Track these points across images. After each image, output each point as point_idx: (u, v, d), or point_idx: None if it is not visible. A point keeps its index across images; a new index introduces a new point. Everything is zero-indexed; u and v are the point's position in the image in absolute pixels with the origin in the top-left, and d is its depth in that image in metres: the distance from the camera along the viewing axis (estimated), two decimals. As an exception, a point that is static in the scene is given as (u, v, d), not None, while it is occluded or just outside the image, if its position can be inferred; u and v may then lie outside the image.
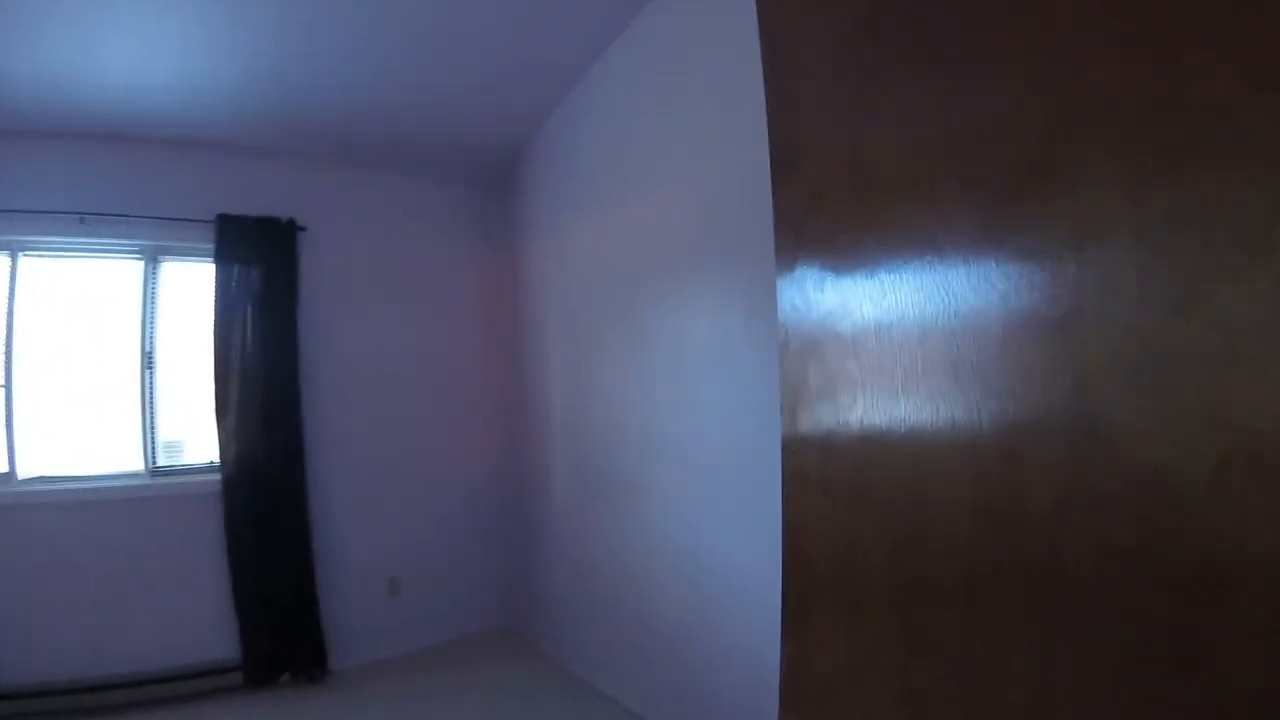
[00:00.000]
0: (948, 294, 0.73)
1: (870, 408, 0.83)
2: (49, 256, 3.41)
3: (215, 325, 3.40)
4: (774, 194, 0.99)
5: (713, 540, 2.44)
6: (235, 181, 3.57)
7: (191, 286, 3.55)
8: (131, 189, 3.41)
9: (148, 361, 3.47)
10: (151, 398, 3.47)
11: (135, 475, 3.44)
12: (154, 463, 3.47)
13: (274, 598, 3.44)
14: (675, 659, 2.66)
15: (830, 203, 0.90)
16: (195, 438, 3.55)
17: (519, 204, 3.92)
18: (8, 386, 3.33)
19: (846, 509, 0.87)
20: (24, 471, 3.33)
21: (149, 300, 3.49)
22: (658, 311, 2.74)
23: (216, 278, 3.40)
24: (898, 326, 0.79)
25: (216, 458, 3.41)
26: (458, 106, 3.41)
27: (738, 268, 2.28)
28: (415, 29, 2.82)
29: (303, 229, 3.62)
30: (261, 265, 3.46)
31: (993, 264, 0.67)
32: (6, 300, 3.33)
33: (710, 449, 2.44)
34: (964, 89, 0.72)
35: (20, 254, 3.36)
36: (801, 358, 0.93)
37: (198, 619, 3.45)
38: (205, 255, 3.46)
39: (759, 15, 1.05)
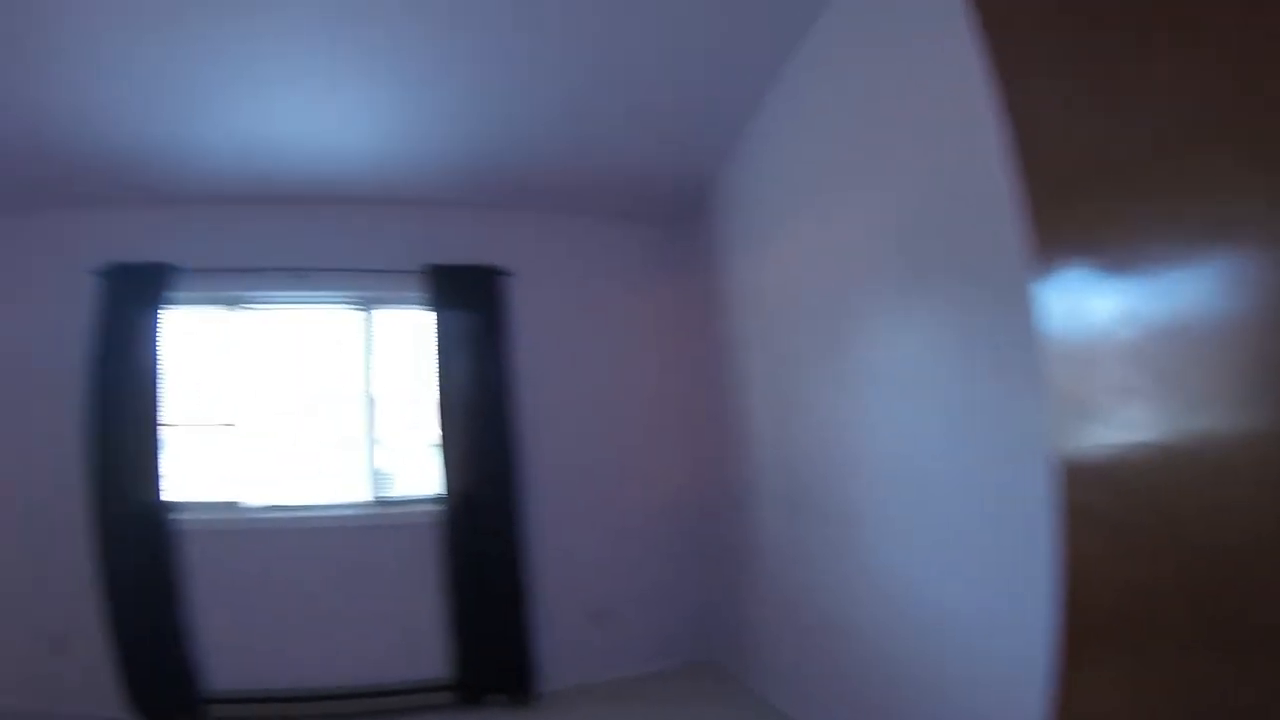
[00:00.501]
0: (1249, 287, 0.63)
1: (1162, 425, 0.73)
2: (274, 308, 3.89)
3: (436, 367, 3.70)
4: (1018, 191, 0.92)
5: (935, 574, 2.26)
6: (441, 233, 3.90)
7: (407, 331, 3.92)
8: (345, 245, 3.82)
9: (370, 402, 3.84)
10: (372, 434, 3.83)
11: (359, 505, 3.79)
12: (377, 494, 3.81)
13: (485, 620, 3.64)
14: (894, 700, 2.49)
15: (1087, 195, 0.82)
16: (412, 470, 3.88)
17: (710, 234, 3.96)
18: (246, 424, 3.80)
19: (1135, 542, 0.77)
20: (259, 501, 3.77)
21: (368, 344, 3.88)
22: (862, 328, 2.62)
23: (433, 323, 3.73)
24: (1191, 329, 0.70)
25: (435, 488, 3.70)
26: (644, 146, 3.55)
27: (952, 275, 2.11)
28: (596, 76, 3.02)
29: (508, 274, 3.88)
30: (472, 310, 3.75)
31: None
32: (239, 348, 3.83)
33: (927, 474, 2.28)
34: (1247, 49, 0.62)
35: (249, 306, 3.86)
36: (1073, 371, 0.85)
37: (411, 639, 3.71)
38: (417, 303, 3.81)
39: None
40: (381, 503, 3.83)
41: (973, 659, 2.09)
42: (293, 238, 3.82)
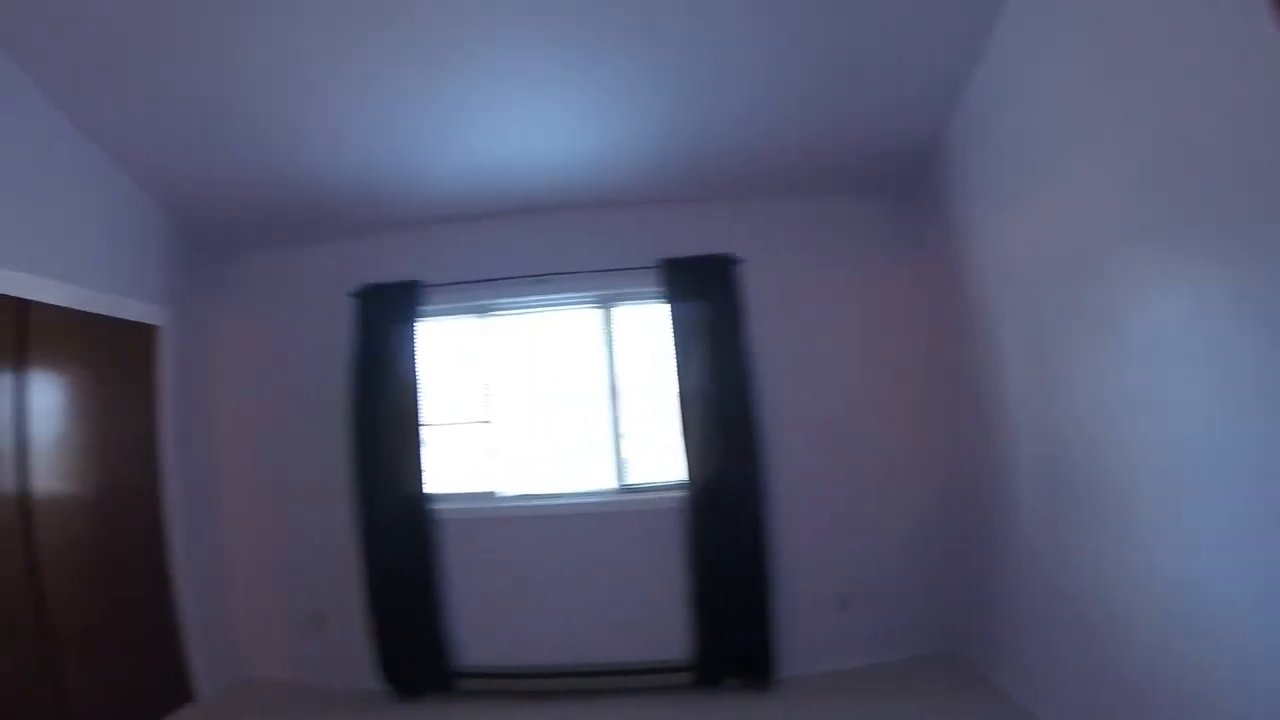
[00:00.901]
0: None
1: None
2: (518, 314, 4.18)
3: (676, 358, 3.81)
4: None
5: (1222, 575, 1.95)
6: (671, 227, 4.02)
7: (645, 324, 4.09)
8: (581, 247, 4.04)
9: (613, 394, 4.02)
10: (618, 426, 4.01)
11: (605, 493, 3.98)
12: (623, 481, 3.98)
13: (726, 604, 3.69)
14: (1163, 713, 2.23)
15: None
16: (655, 458, 4.01)
17: (943, 200, 3.73)
18: (493, 421, 4.10)
19: None
20: (507, 491, 4.04)
21: (608, 340, 4.08)
22: (1130, 291, 2.27)
23: (670, 315, 3.84)
24: None
25: (679, 476, 3.80)
26: (865, 108, 3.42)
27: (1237, 219, 1.76)
28: (801, 45, 3.00)
29: (739, 261, 3.91)
30: (707, 300, 3.82)
31: None
32: (486, 352, 4.16)
33: (1213, 459, 1.95)
34: None
35: (490, 314, 4.17)
36: None
37: (652, 620, 3.83)
38: (653, 297, 3.97)
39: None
40: (626, 490, 3.99)
41: (1262, 674, 1.82)
42: (532, 245, 4.08)
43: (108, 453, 3.68)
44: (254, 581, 4.37)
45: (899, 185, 4.03)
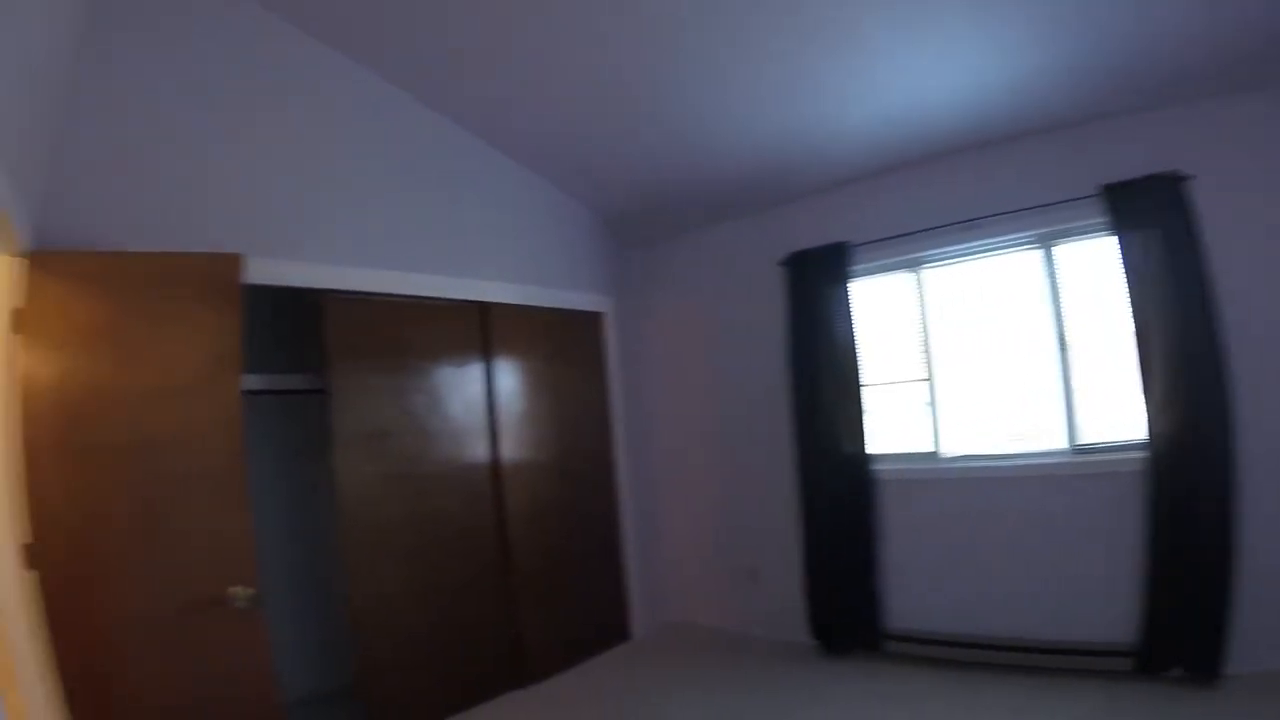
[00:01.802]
0: None
1: None
2: (951, 264, 3.96)
3: (1130, 299, 3.29)
4: None
5: None
6: (1108, 147, 3.46)
7: (1091, 262, 3.59)
8: (1011, 185, 3.67)
9: (1060, 343, 3.62)
10: (1067, 378, 3.60)
11: (1057, 453, 3.61)
12: (1075, 441, 3.57)
13: (1181, 585, 3.17)
14: None
15: None
16: (1111, 414, 3.53)
17: None
18: (931, 379, 3.95)
19: None
20: (948, 451, 3.89)
21: (1052, 284, 3.67)
22: None
23: (1119, 250, 3.32)
24: None
25: (1137, 433, 3.31)
26: None
27: None
28: None
29: (1187, 178, 3.23)
30: (1156, 227, 3.24)
31: None
32: (919, 307, 4.01)
33: None
34: None
35: (921, 268, 4.01)
36: None
37: (1096, 597, 3.43)
38: (1097, 230, 3.46)
39: None
40: (1079, 450, 3.57)
41: None
42: (957, 190, 3.84)
43: (564, 423, 4.39)
44: (692, 535, 4.80)
45: None
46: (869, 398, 4.02)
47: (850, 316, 4.02)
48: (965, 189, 3.81)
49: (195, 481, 2.38)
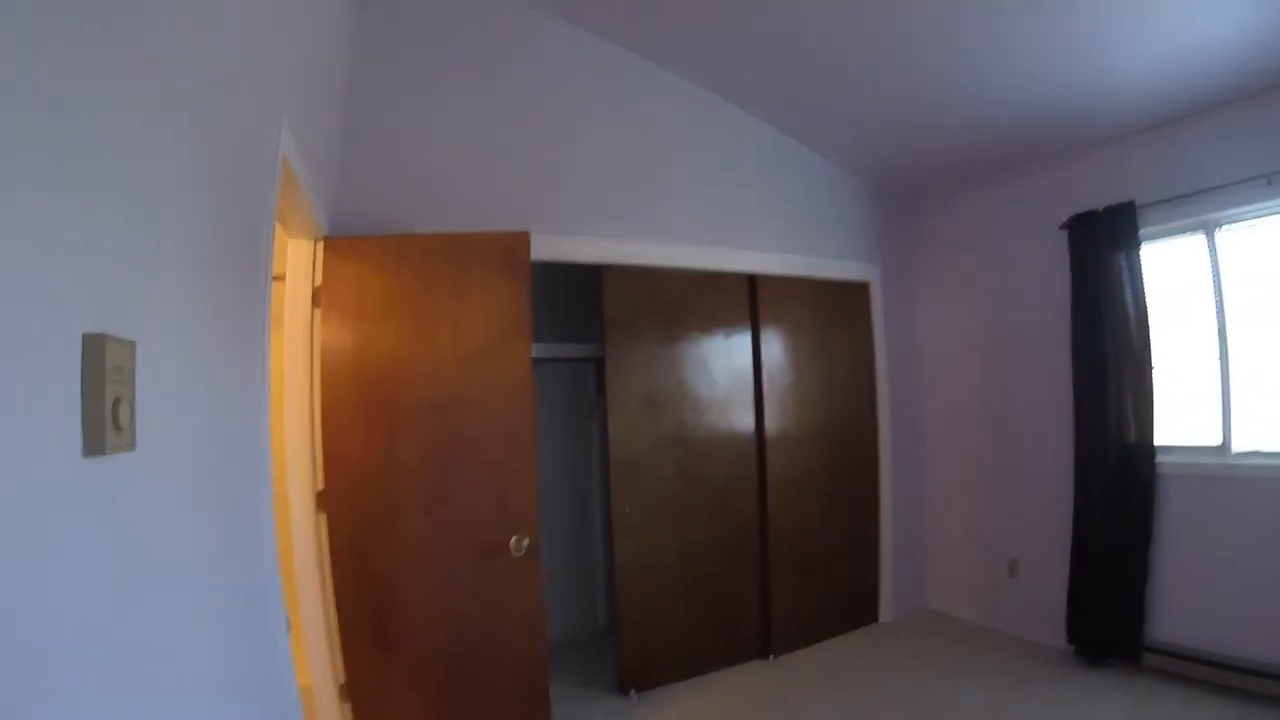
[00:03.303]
0: None
1: None
2: (1245, 225, 3.38)
3: None
4: None
5: None
6: None
7: None
8: None
9: None
10: None
11: None
12: None
13: None
14: None
15: None
16: None
17: None
18: (1223, 360, 3.40)
19: None
20: (1239, 445, 3.35)
21: None
22: None
23: None
24: None
25: None
26: None
27: None
28: None
29: None
30: None
31: None
32: (1211, 277, 3.45)
33: None
34: None
35: (1216, 230, 3.44)
36: None
37: None
38: None
39: None
40: None
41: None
42: (1258, 138, 3.24)
43: (829, 396, 4.32)
44: (953, 519, 4.57)
45: None
46: (1162, 380, 3.56)
47: (1140, 286, 3.56)
48: (1264, 138, 3.22)
49: (487, 438, 2.64)
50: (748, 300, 4.08)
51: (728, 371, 3.98)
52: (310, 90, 2.20)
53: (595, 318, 3.72)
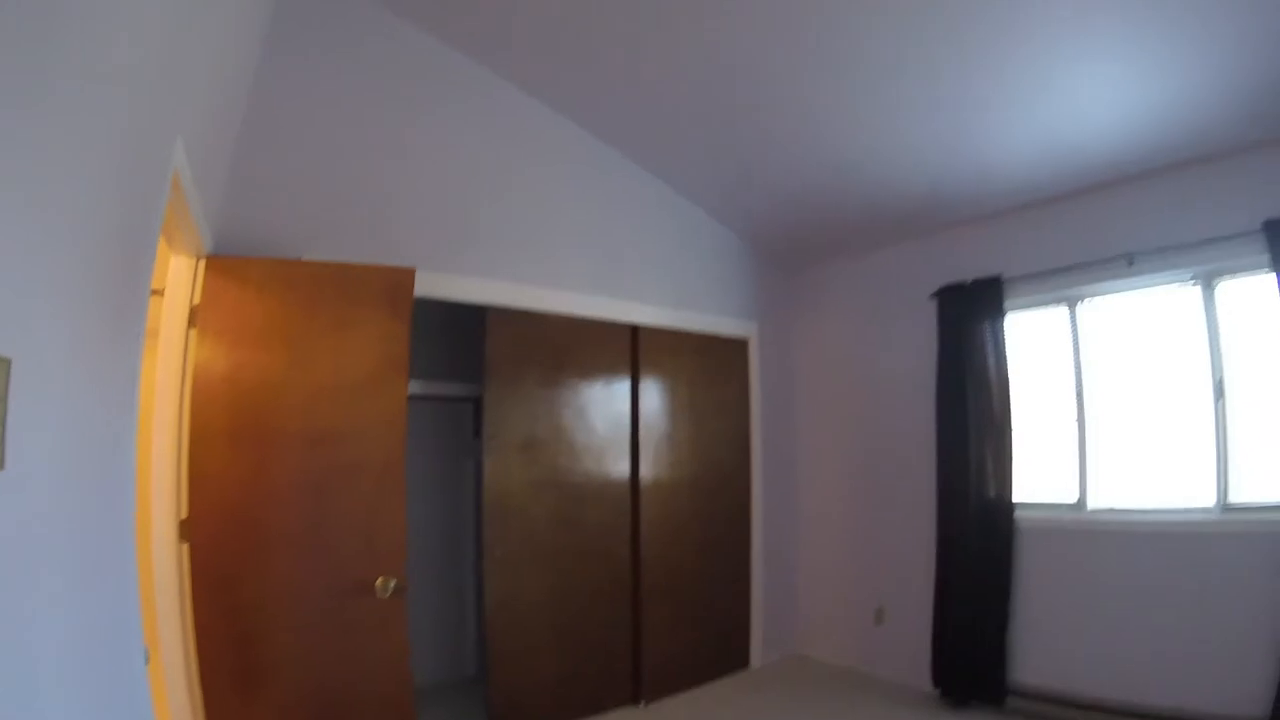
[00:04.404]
0: None
1: None
2: (1107, 298, 3.75)
3: None
4: None
5: None
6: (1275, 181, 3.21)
7: (1256, 302, 3.29)
8: (1172, 217, 3.45)
9: (1217, 390, 3.35)
10: (1223, 429, 3.33)
11: (1204, 510, 3.35)
12: (1225, 498, 3.30)
13: None
14: None
15: None
16: (1272, 470, 3.23)
17: None
18: (1081, 423, 3.73)
19: None
20: (1093, 502, 3.68)
21: (1210, 325, 3.40)
22: None
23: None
24: None
25: None
26: None
27: None
28: None
29: None
30: None
31: None
32: (1070, 346, 3.82)
33: None
34: None
35: (1079, 303, 3.81)
36: None
37: (1229, 666, 3.16)
38: (1262, 268, 3.19)
39: None
40: (1230, 509, 3.30)
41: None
42: (1116, 221, 3.63)
43: (704, 446, 4.45)
44: (822, 567, 4.75)
45: None
46: (1018, 440, 3.85)
47: (1003, 354, 3.88)
48: (1124, 222, 3.62)
49: (359, 474, 2.57)
50: (629, 349, 4.17)
51: (606, 418, 4.04)
52: (208, 106, 2.15)
53: (475, 356, 3.70)
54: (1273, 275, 3.10)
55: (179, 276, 2.45)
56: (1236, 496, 3.31)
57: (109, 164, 1.26)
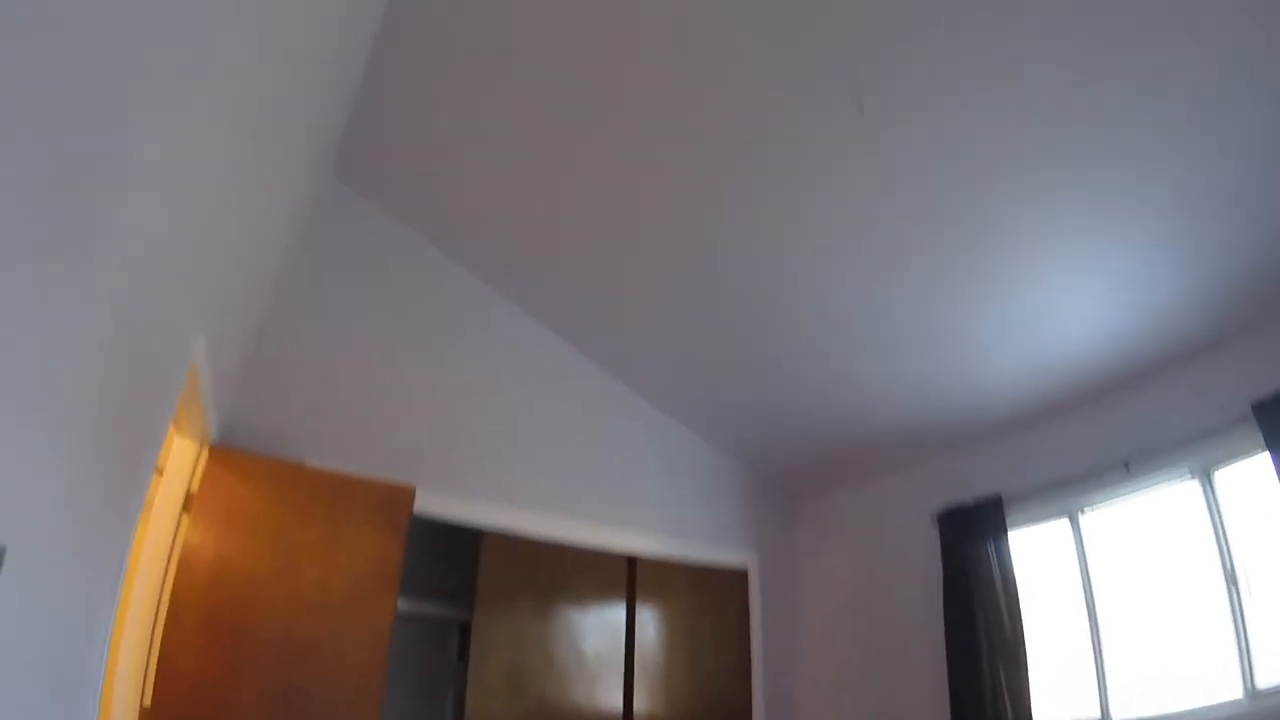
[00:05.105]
0: None
1: None
2: (1110, 506, 3.72)
3: None
4: None
5: None
6: (1264, 360, 3.26)
7: (1258, 487, 3.25)
8: (1163, 415, 3.50)
9: (1229, 577, 3.27)
10: (1240, 615, 3.22)
11: (1233, 703, 3.17)
12: (1253, 685, 3.13)
13: None
14: None
15: None
16: None
17: None
18: (1094, 633, 3.60)
19: None
20: (1117, 713, 3.46)
21: (1213, 515, 3.36)
22: None
23: (1275, 468, 3.02)
24: None
25: None
26: None
27: None
28: None
29: None
30: None
31: None
32: (1076, 558, 3.76)
33: None
34: None
35: (1080, 513, 3.79)
36: None
37: None
38: (1257, 451, 3.19)
39: None
40: (1258, 695, 3.11)
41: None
42: (1109, 430, 3.68)
43: (701, 679, 4.22)
44: None
45: None
46: (1032, 657, 3.66)
47: (1010, 572, 3.79)
48: (1117, 428, 3.67)
49: (334, 690, 2.48)
50: (625, 579, 4.08)
51: (600, 649, 3.88)
52: (230, 302, 2.30)
53: (464, 574, 3.62)
54: (1268, 455, 3.10)
55: (181, 459, 2.51)
56: (1263, 681, 3.14)
57: (131, 350, 1.31)
